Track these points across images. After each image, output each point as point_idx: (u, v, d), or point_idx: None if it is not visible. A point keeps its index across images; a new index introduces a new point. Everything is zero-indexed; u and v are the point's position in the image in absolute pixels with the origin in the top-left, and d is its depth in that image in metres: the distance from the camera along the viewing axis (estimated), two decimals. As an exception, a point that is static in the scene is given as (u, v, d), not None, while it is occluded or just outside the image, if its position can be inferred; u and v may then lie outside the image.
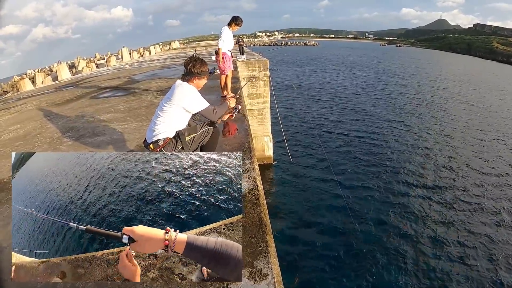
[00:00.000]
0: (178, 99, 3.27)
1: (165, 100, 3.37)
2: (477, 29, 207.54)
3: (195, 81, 3.43)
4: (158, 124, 3.31)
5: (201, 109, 3.39)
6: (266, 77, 13.38)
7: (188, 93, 3.33)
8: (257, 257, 2.31)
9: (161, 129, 3.30)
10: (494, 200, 12.01)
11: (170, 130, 3.32)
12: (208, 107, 3.43)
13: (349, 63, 67.80)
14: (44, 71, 43.93)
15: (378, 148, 17.22)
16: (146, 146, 3.38)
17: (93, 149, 4.96)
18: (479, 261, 9.01)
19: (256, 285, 2.06)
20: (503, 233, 10.16)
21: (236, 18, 7.22)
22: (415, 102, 29.16)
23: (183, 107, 3.31)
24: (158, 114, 3.35)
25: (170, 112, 3.29)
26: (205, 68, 3.43)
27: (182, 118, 3.39)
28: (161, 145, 3.26)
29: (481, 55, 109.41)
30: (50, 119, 7.28)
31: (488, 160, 16.00)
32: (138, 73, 14.48)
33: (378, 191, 12.62)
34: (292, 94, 30.91)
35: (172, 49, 43.74)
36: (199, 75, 3.40)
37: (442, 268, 8.74)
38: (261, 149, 14.21)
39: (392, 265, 8.73)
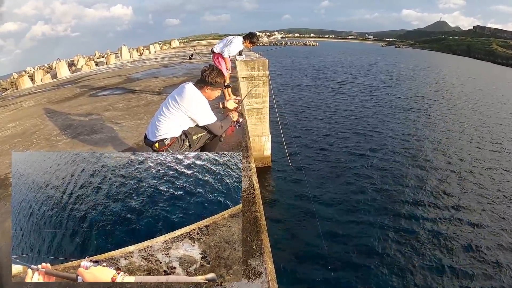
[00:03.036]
0: (186, 107, 3.20)
1: (172, 99, 3.29)
2: (477, 31, 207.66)
3: (207, 91, 3.36)
4: (163, 123, 3.23)
5: (208, 123, 3.31)
6: (266, 77, 13.37)
7: (198, 104, 3.25)
8: (252, 255, 2.32)
9: (167, 128, 3.23)
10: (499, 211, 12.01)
11: (176, 130, 3.26)
12: (215, 122, 3.35)
13: (353, 66, 67.56)
14: (43, 69, 43.89)
15: (377, 149, 17.24)
16: (149, 144, 3.32)
17: (91, 147, 4.96)
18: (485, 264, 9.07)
19: (250, 283, 2.08)
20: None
21: (253, 36, 6.95)
22: (418, 105, 29.19)
23: (190, 116, 3.25)
24: (163, 112, 3.27)
25: (176, 115, 3.22)
26: (221, 80, 3.37)
27: (188, 123, 3.32)
28: (168, 145, 3.21)
29: (481, 57, 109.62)
30: (49, 117, 7.28)
31: (496, 166, 16.05)
32: (137, 72, 14.47)
33: (376, 193, 12.63)
34: (292, 94, 30.91)
35: (171, 48, 43.68)
36: (212, 86, 3.34)
37: (445, 269, 8.78)
38: (260, 149, 14.21)
39: (387, 265, 8.75)
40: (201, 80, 3.33)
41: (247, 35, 6.99)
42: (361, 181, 13.51)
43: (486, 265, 8.96)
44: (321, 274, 8.44)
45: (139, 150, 4.60)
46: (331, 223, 10.55)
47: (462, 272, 8.68)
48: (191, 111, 3.21)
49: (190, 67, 13.93)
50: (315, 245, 9.45)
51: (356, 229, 10.40)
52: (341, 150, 17.13)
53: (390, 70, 58.60)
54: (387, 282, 8.27)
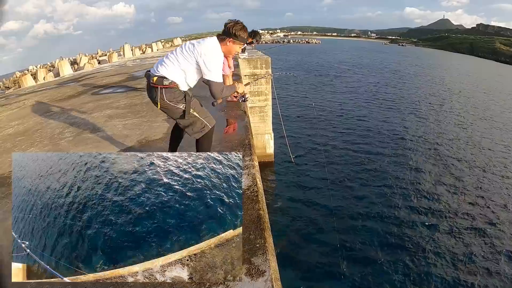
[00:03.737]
0: (201, 51, 3.07)
1: (189, 43, 3.19)
2: (480, 29, 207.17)
3: (229, 44, 3.20)
4: (171, 61, 3.13)
5: (212, 78, 3.14)
6: (268, 75, 13.36)
7: (213, 55, 3.11)
8: (255, 253, 2.32)
9: (172, 69, 3.10)
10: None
11: (180, 79, 3.14)
12: (218, 82, 3.17)
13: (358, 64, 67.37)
14: (46, 67, 43.94)
15: (380, 146, 17.23)
16: (147, 76, 3.17)
17: (94, 145, 4.96)
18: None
19: (253, 282, 2.07)
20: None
21: (255, 34, 6.91)
22: (422, 103, 29.13)
23: (199, 62, 3.09)
24: (175, 52, 3.17)
25: (186, 58, 3.10)
26: (244, 34, 3.22)
27: (193, 71, 3.17)
28: (166, 86, 3.06)
29: (484, 55, 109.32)
30: (51, 115, 7.28)
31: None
32: (139, 70, 14.47)
33: (381, 191, 12.61)
34: (294, 92, 30.86)
35: (174, 46, 43.66)
36: (236, 38, 3.17)
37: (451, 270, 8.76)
38: (262, 147, 14.19)
39: (393, 264, 8.70)
40: (224, 32, 3.18)
41: (249, 33, 6.96)
42: (369, 179, 13.48)
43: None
44: (325, 273, 8.40)
45: (142, 148, 4.60)
46: (336, 219, 10.47)
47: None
48: (203, 57, 3.06)
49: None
50: (319, 243, 9.44)
51: (363, 226, 10.38)
52: (346, 147, 17.10)
53: (396, 68, 58.37)
54: (393, 282, 8.23)
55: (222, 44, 3.20)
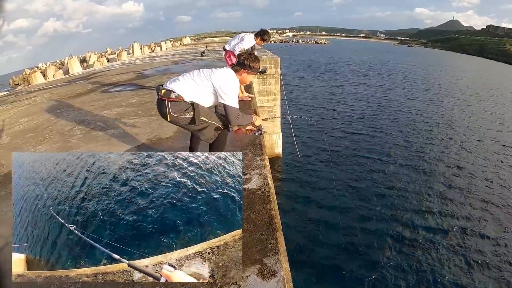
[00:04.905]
0: (217, 76, 3.19)
1: (207, 68, 3.31)
2: (490, 31, 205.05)
3: (243, 74, 3.34)
4: (184, 81, 3.21)
5: (228, 103, 3.19)
6: (277, 75, 13.33)
7: (230, 80, 3.22)
8: (267, 254, 2.31)
9: (183, 86, 3.17)
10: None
11: (188, 94, 3.17)
12: (235, 108, 3.23)
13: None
14: (55, 65, 44.32)
15: (390, 147, 17.08)
16: (157, 89, 3.22)
17: (104, 142, 4.97)
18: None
19: (265, 283, 2.06)
20: None
21: (264, 33, 6.85)
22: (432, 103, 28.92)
23: (215, 86, 3.18)
24: (191, 74, 3.27)
25: (202, 82, 3.20)
26: (257, 65, 3.37)
27: (207, 95, 3.24)
28: (171, 98, 3.11)
29: (494, 57, 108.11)
30: (61, 112, 7.32)
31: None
32: (149, 68, 14.53)
33: (394, 190, 12.57)
34: (302, 91, 30.82)
35: (183, 45, 43.81)
36: (250, 69, 3.32)
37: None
38: (271, 147, 14.18)
39: (405, 265, 8.64)
40: (238, 64, 3.33)
41: (258, 32, 6.93)
42: (380, 180, 13.40)
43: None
44: (337, 273, 8.33)
45: (153, 146, 4.60)
46: (345, 220, 10.45)
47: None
48: (220, 82, 3.17)
49: (202, 64, 13.91)
50: (329, 243, 9.40)
51: (374, 226, 10.32)
52: (356, 147, 17.04)
53: (405, 69, 57.99)
54: (404, 284, 8.17)
55: (237, 74, 3.32)
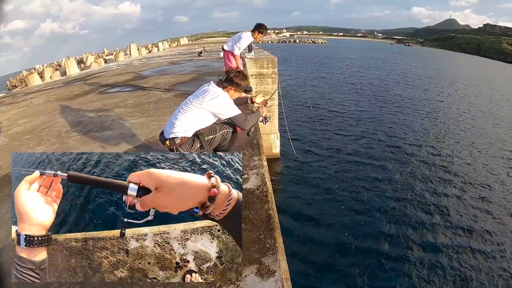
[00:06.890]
0: (209, 103, 3.25)
1: (193, 97, 3.35)
2: (487, 30, 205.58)
3: (230, 92, 3.42)
4: (180, 121, 3.27)
5: (232, 115, 3.33)
6: (274, 75, 13.34)
7: (221, 99, 3.29)
8: (265, 253, 2.30)
9: (181, 127, 3.25)
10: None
11: (190, 130, 3.28)
12: (239, 115, 3.37)
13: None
14: (53, 66, 44.23)
15: (387, 145, 17.07)
16: (162, 141, 3.35)
17: (102, 144, 4.97)
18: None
19: (264, 282, 2.06)
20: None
21: (260, 26, 6.90)
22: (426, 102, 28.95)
23: (213, 112, 3.28)
24: (183, 110, 3.32)
25: (196, 112, 3.26)
26: (245, 83, 3.45)
27: (207, 121, 3.35)
28: (178, 144, 3.23)
29: (491, 56, 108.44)
30: (59, 114, 7.31)
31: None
32: (146, 69, 14.51)
33: (391, 187, 12.58)
34: (300, 91, 30.80)
35: (180, 45, 43.75)
36: (237, 87, 3.40)
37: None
38: (268, 147, 14.15)
39: (404, 265, 8.63)
40: (226, 80, 3.40)
41: (254, 27, 6.97)
42: (379, 179, 13.38)
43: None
44: (335, 272, 8.34)
45: (151, 147, 4.60)
46: (346, 219, 10.44)
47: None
48: (215, 106, 3.26)
49: (199, 65, 13.90)
50: (330, 243, 9.39)
51: (375, 225, 10.29)
52: (354, 147, 17.02)
53: (401, 69, 58.02)
54: (404, 283, 8.17)
55: (225, 91, 3.40)
